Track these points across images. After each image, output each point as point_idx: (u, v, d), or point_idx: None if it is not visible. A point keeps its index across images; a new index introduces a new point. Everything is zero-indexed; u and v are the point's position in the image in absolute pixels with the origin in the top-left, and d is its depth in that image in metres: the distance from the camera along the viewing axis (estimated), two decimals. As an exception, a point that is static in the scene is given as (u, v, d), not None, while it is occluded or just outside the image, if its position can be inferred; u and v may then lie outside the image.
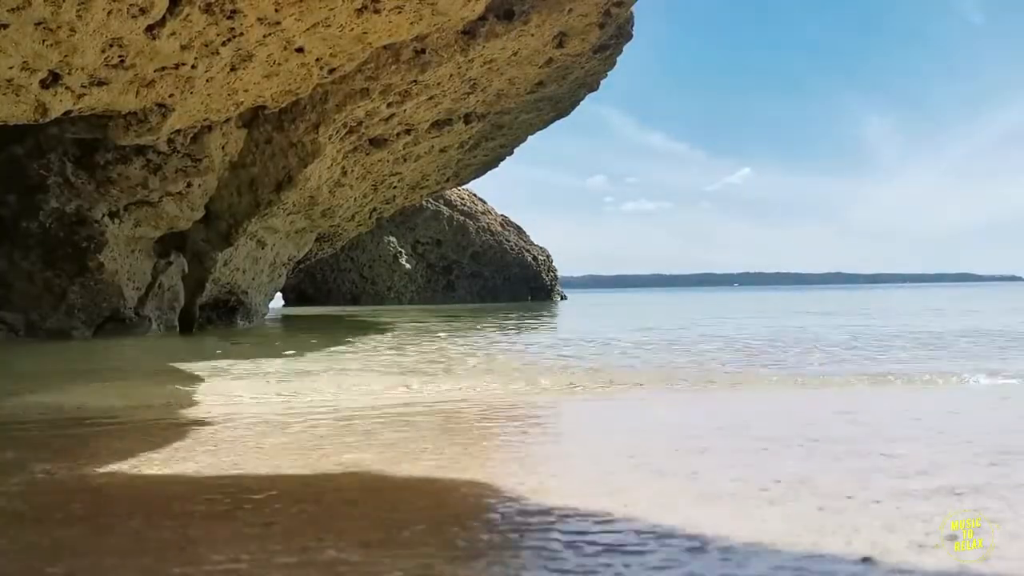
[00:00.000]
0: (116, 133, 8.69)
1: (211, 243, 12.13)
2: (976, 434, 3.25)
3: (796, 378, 5.53)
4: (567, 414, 4.36)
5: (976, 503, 2.05)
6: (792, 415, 4.08)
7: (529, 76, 12.29)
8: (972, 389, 4.92)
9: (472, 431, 3.58)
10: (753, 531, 1.83)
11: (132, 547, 1.80)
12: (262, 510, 2.10)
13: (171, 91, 7.89)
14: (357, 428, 3.47)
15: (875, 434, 3.18)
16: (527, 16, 10.20)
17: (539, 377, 5.55)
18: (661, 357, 7.22)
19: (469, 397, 4.58)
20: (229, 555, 1.69)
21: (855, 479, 2.35)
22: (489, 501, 2.15)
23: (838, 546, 1.72)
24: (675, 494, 2.20)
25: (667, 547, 1.72)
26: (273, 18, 7.28)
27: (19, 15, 5.71)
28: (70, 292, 10.13)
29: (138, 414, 4.03)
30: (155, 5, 6.29)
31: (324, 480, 2.46)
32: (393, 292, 34.57)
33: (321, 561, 1.64)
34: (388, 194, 16.55)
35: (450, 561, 1.65)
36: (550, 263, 38.93)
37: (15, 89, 6.56)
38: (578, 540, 1.77)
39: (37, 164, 9.76)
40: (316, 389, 4.88)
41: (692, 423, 3.83)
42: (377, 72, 10.16)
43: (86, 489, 2.40)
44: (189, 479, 2.51)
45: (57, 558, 1.73)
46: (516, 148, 17.23)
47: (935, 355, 7.12)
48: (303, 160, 11.14)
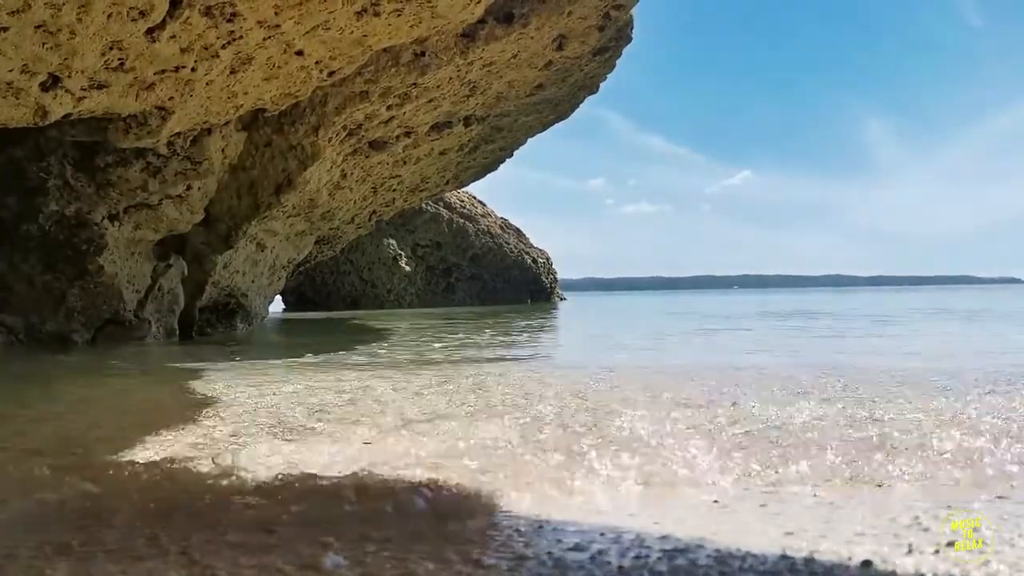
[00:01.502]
0: (116, 136, 8.70)
1: (211, 246, 12.13)
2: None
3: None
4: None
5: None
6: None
7: (529, 79, 12.30)
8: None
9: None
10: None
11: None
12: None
13: (171, 94, 7.90)
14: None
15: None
16: (526, 19, 10.22)
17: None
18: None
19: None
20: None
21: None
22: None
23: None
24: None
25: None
26: (273, 21, 7.29)
27: (19, 18, 5.71)
28: (70, 295, 10.13)
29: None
30: (155, 8, 6.29)
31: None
32: (393, 295, 34.57)
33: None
34: (388, 197, 16.55)
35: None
36: (550, 265, 38.97)
37: (15, 92, 6.56)
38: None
39: (37, 167, 9.76)
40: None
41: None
42: (377, 75, 10.17)
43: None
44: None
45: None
46: (516, 150, 17.25)
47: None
48: (303, 163, 11.15)
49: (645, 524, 2.20)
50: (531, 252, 37.81)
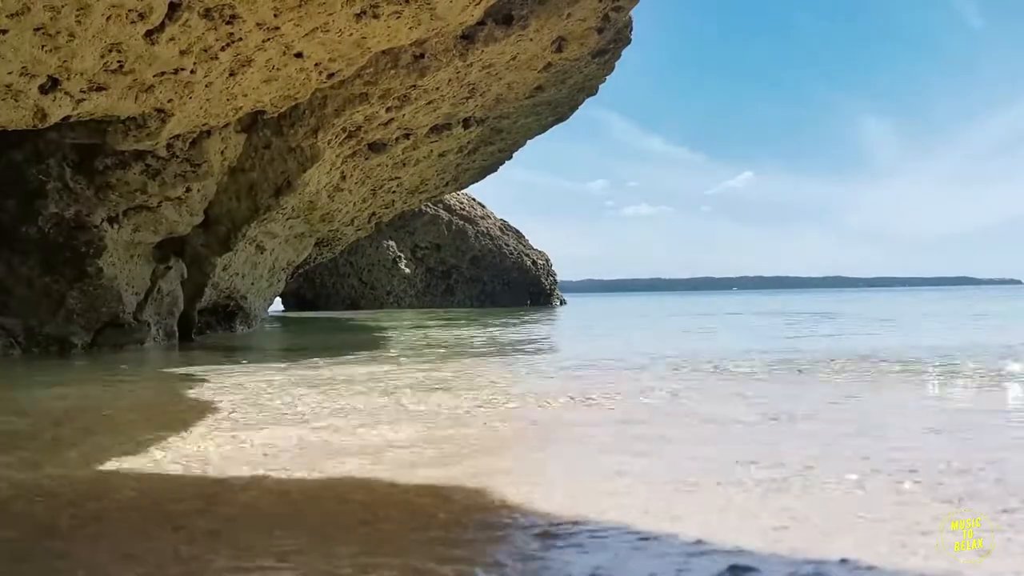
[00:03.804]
0: (115, 138, 8.69)
1: (210, 248, 12.12)
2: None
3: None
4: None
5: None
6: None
7: (528, 80, 12.30)
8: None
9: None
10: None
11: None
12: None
13: (170, 96, 7.89)
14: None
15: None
16: (526, 21, 10.21)
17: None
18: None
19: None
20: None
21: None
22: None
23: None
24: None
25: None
26: (272, 23, 7.28)
27: (18, 20, 5.71)
28: (69, 298, 10.11)
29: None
30: (154, 10, 6.29)
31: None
32: (392, 296, 34.57)
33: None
34: (387, 199, 16.56)
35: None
36: (549, 267, 38.93)
37: (14, 94, 6.55)
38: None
39: (36, 169, 9.75)
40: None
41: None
42: (376, 77, 10.16)
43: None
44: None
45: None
46: (515, 152, 17.24)
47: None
48: (302, 165, 11.14)
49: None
50: (531, 254, 37.78)
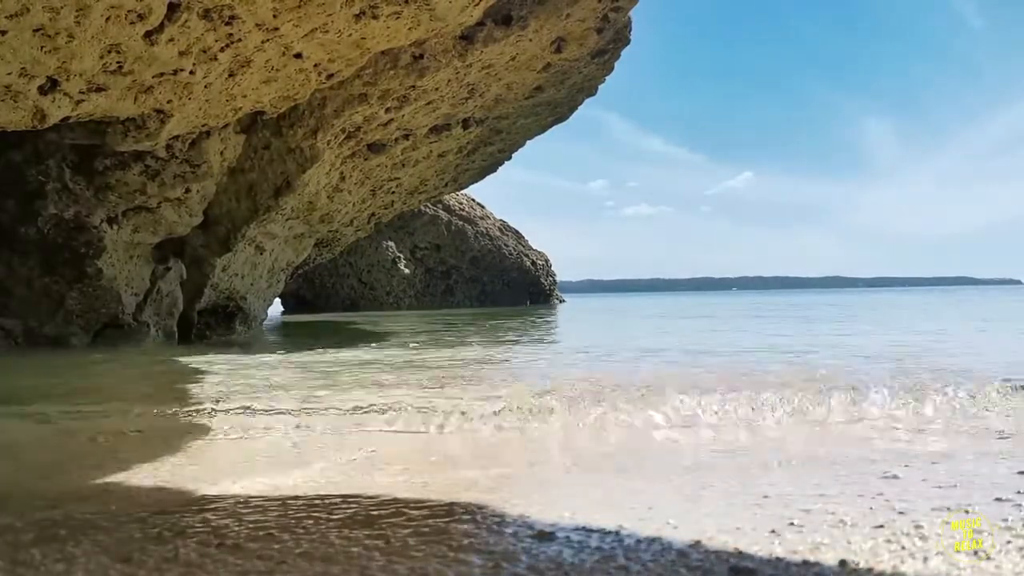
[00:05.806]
0: (114, 139, 8.69)
1: (210, 249, 12.12)
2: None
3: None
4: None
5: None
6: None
7: (527, 81, 12.30)
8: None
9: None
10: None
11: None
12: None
13: (169, 97, 7.89)
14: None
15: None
16: (525, 21, 10.22)
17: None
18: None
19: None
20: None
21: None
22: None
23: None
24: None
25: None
26: (271, 24, 7.29)
27: (18, 21, 5.71)
28: (68, 298, 10.12)
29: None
30: (153, 11, 6.29)
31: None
32: (392, 297, 34.55)
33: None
34: (387, 199, 16.55)
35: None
36: (549, 267, 38.93)
37: (13, 95, 6.56)
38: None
39: (35, 170, 9.75)
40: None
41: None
42: (375, 77, 10.17)
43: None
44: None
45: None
46: (515, 152, 17.24)
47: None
48: (302, 165, 11.14)
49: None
50: (530, 254, 37.78)
